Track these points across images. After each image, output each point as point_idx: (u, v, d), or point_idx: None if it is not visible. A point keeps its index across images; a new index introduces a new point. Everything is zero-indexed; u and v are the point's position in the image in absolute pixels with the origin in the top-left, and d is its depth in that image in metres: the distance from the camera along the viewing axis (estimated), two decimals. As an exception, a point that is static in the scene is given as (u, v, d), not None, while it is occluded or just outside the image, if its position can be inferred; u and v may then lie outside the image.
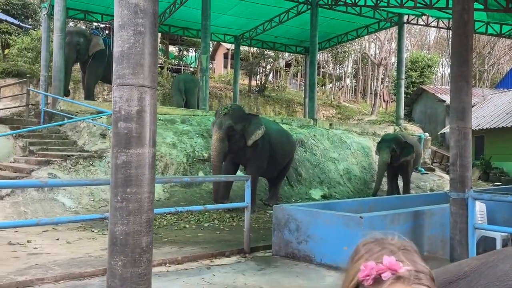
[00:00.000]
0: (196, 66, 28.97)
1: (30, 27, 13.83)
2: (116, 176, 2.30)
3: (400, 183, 12.21)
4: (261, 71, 27.35)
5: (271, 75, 28.55)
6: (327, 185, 12.47)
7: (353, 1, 13.66)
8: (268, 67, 27.45)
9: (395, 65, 19.79)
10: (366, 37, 24.93)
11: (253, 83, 26.32)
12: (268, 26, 18.02)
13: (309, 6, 15.11)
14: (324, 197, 11.70)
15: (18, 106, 16.33)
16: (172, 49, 29.12)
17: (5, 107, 15.10)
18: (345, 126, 15.57)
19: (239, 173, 9.64)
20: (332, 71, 30.93)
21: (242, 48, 23.33)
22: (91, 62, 12.90)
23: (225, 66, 31.08)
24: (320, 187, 12.24)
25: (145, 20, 2.30)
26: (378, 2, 12.79)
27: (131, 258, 2.23)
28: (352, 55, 28.73)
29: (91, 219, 3.99)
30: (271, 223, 7.72)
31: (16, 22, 11.26)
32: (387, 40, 27.02)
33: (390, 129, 16.04)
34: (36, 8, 22.45)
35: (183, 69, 27.03)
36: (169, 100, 21.17)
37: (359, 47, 28.87)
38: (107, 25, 13.83)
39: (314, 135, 13.63)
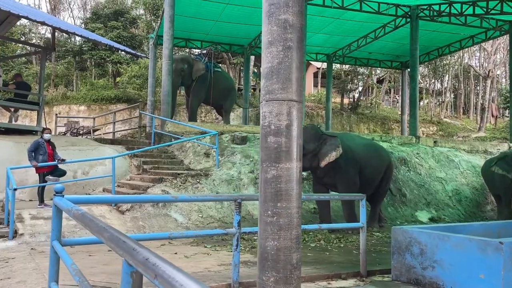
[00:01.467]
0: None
1: (144, 55, 15.10)
2: (265, 190, 2.29)
3: None
4: (353, 88, 26.81)
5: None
6: (435, 207, 11.60)
7: (459, 11, 12.83)
8: (360, 84, 26.83)
9: (504, 76, 18.08)
10: (466, 48, 23.27)
11: (345, 100, 25.85)
12: (362, 43, 17.67)
13: (408, 19, 14.53)
14: (432, 220, 10.90)
15: (128, 129, 17.87)
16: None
17: (117, 130, 16.60)
18: (451, 144, 14.46)
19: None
20: (429, 86, 29.26)
21: (333, 66, 23.13)
22: (194, 86, 13.67)
23: (315, 85, 31.04)
24: (427, 209, 11.42)
25: (293, 35, 2.31)
26: (489, 9, 11.83)
27: (283, 275, 2.19)
28: (454, 68, 26.88)
29: (215, 234, 4.10)
30: (380, 245, 7.37)
31: (132, 51, 12.36)
32: (492, 51, 24.89)
33: (504, 147, 14.56)
34: (142, 40, 24.65)
35: (275, 90, 27.50)
36: (262, 120, 21.64)
37: (457, 58, 26.99)
38: (208, 51, 14.59)
39: (417, 153, 12.87)
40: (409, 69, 22.62)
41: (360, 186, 8.61)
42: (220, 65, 18.26)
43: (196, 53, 19.55)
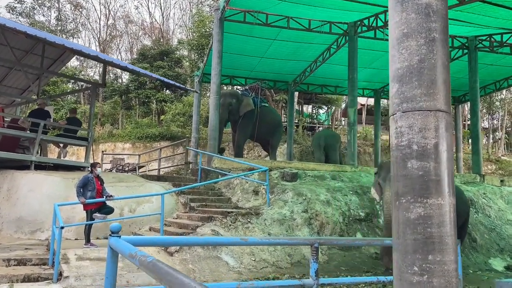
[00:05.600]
0: (330, 124, 28.70)
1: (194, 89, 15.01)
2: (405, 236, 1.63)
3: None
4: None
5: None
6: (509, 253, 10.33)
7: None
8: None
9: None
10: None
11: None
12: (413, 77, 16.90)
13: (466, 51, 13.74)
14: (508, 268, 9.65)
15: (171, 166, 17.64)
16: (306, 108, 29.49)
17: (161, 167, 16.37)
18: (520, 183, 13.18)
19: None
20: (485, 122, 27.73)
21: (381, 101, 22.35)
22: (241, 121, 13.30)
23: (360, 122, 30.18)
24: (501, 256, 10.18)
25: (438, 24, 1.72)
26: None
27: None
28: (509, 104, 25.39)
29: (289, 285, 3.44)
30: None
31: (182, 86, 12.24)
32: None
33: None
34: (186, 78, 25.02)
35: (317, 127, 26.96)
36: (306, 157, 20.94)
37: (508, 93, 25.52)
38: (255, 86, 14.32)
39: (484, 193, 11.73)
40: (462, 104, 21.52)
41: None
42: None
43: (241, 89, 19.46)
